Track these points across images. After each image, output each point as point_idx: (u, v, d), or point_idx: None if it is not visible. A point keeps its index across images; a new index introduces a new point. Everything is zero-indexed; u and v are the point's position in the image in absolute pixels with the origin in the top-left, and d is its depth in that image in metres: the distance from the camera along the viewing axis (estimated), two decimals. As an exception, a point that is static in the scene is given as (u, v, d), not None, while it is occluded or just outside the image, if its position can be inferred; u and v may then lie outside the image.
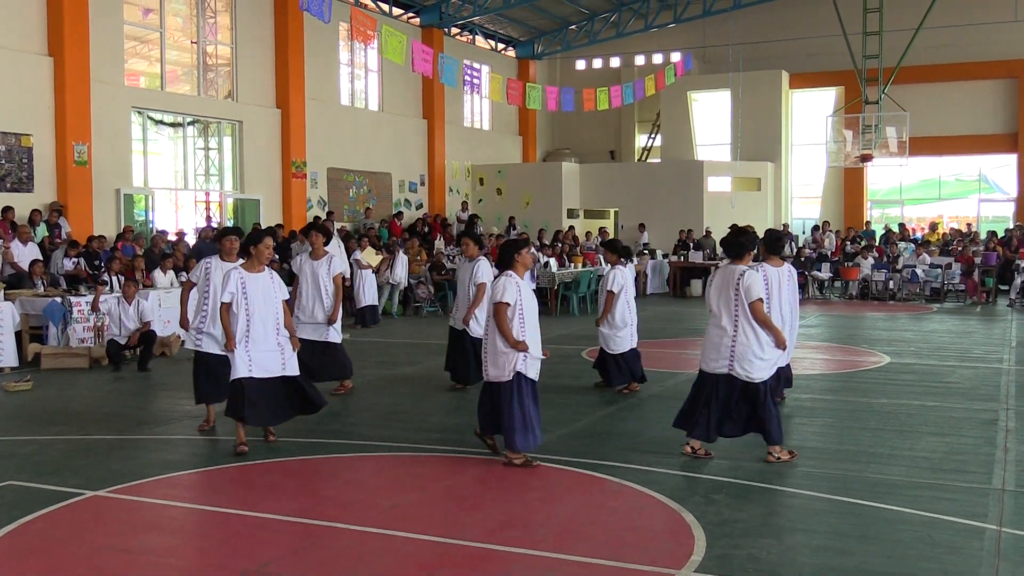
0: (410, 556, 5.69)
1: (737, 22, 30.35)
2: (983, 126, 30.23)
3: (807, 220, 31.80)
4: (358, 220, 25.14)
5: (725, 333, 7.60)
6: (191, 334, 9.10)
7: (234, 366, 8.10)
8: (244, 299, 8.08)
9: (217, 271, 8.86)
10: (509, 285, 7.61)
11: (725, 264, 7.83)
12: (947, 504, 6.62)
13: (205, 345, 9.02)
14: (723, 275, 7.71)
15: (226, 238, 9.18)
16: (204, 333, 9.00)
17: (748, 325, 7.52)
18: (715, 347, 7.69)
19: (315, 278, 10.45)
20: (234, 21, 22.22)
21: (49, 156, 17.86)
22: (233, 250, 8.96)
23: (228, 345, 8.09)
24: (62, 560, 5.65)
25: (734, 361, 7.58)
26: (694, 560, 5.52)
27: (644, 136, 35.54)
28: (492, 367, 7.68)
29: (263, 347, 8.15)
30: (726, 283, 7.64)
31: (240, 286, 8.09)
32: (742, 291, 7.50)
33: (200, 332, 9.01)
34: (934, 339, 15.98)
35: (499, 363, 7.62)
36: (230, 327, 8.07)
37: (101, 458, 8.11)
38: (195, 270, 9.15)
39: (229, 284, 8.10)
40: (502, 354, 7.59)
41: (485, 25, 31.46)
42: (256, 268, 8.23)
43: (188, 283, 9.40)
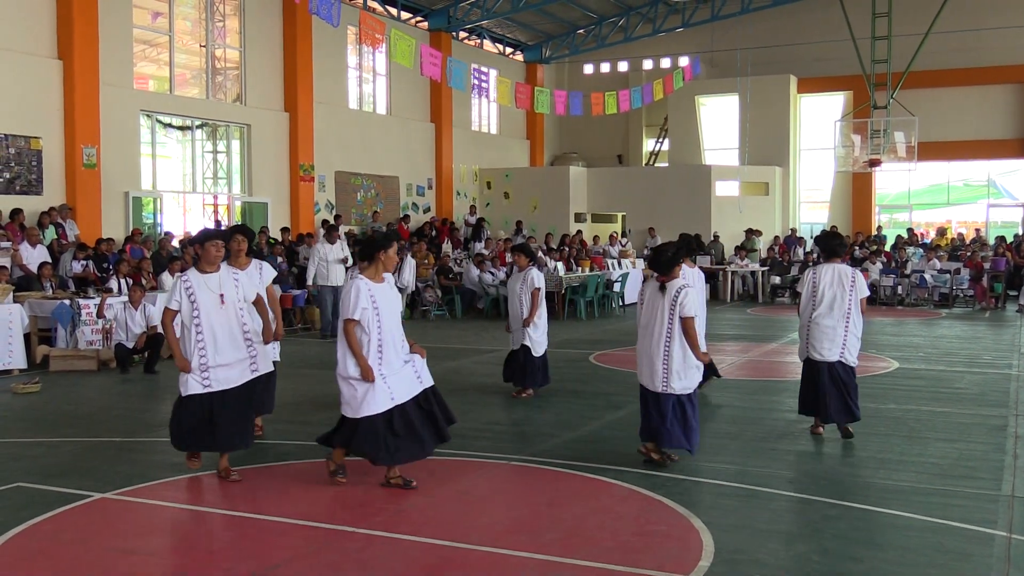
0: (417, 559, 5.68)
1: (745, 26, 30.32)
2: (992, 131, 30.15)
3: (815, 225, 31.74)
4: (366, 223, 25.15)
5: (840, 324, 8.69)
6: (193, 377, 7.15)
7: (371, 400, 6.88)
8: (376, 314, 6.89)
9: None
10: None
11: (830, 264, 8.87)
12: (956, 510, 6.59)
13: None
14: (835, 272, 8.78)
15: (233, 238, 8.21)
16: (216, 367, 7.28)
17: (858, 317, 8.74)
18: (830, 338, 8.70)
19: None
20: (243, 24, 22.27)
21: (58, 159, 17.91)
22: (241, 251, 8.26)
23: (368, 376, 6.82)
24: (70, 562, 5.66)
25: (845, 349, 8.71)
26: (702, 565, 5.51)
27: (652, 140, 35.52)
28: (678, 379, 7.56)
29: (396, 367, 6.98)
30: (840, 280, 8.74)
31: (370, 299, 6.89)
32: (857, 286, 8.73)
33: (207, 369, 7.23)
34: (943, 344, 15.93)
35: (689, 375, 7.60)
36: (362, 353, 6.86)
37: (109, 460, 8.12)
38: (172, 292, 7.23)
39: (360, 298, 6.84)
40: (692, 368, 7.61)
41: (493, 29, 31.48)
42: (378, 277, 7.03)
43: (170, 311, 7.19)
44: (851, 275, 8.87)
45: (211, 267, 7.22)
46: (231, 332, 7.23)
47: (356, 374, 6.86)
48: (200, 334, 7.13)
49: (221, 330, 7.18)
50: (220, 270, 7.29)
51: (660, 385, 7.56)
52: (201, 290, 7.15)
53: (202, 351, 7.13)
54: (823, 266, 8.94)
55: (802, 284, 9.08)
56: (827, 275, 8.82)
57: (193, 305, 7.11)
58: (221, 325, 7.18)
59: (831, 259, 9.00)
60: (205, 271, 7.22)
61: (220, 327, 7.18)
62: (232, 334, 7.23)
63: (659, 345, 7.54)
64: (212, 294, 7.16)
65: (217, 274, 7.26)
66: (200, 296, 7.12)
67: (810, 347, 8.84)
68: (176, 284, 7.22)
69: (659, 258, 7.70)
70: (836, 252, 9.05)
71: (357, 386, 6.87)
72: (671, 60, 31.13)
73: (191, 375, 7.12)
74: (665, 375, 7.53)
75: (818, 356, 8.77)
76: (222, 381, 7.19)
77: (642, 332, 7.74)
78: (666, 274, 7.63)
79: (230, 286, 7.31)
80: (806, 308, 8.87)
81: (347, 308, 6.86)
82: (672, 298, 7.49)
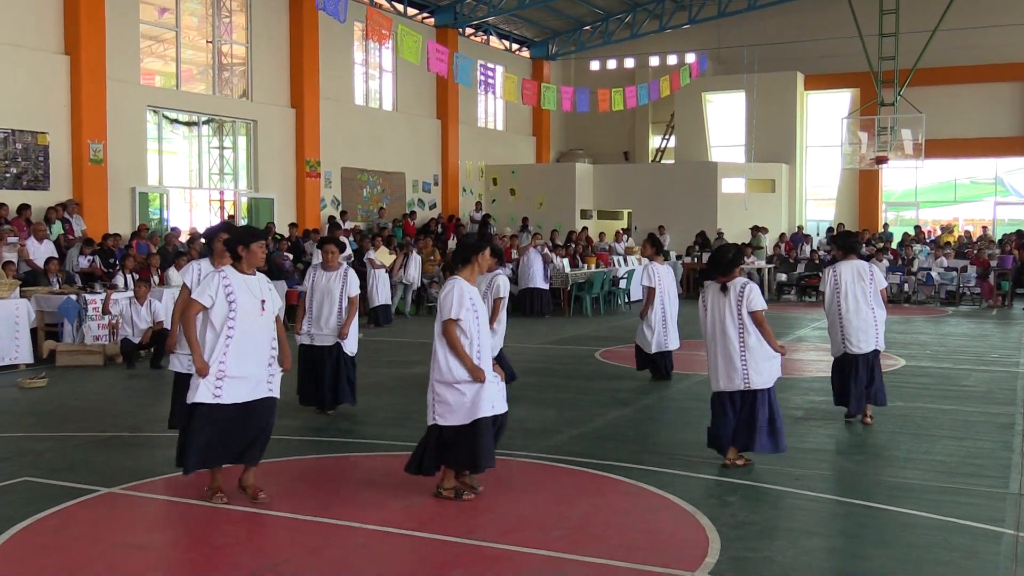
0: (423, 555, 5.68)
1: (752, 23, 30.26)
2: (999, 128, 30.06)
3: (821, 222, 31.69)
4: (372, 220, 25.17)
5: (869, 317, 9.19)
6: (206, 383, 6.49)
7: (482, 402, 6.61)
8: (476, 316, 6.71)
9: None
10: None
11: (848, 261, 9.31)
12: (964, 508, 6.57)
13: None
14: (854, 268, 9.24)
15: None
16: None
17: (881, 307, 9.32)
18: (864, 331, 9.17)
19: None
20: (249, 20, 22.27)
21: (65, 154, 17.93)
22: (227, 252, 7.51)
23: (479, 376, 6.57)
24: (76, 556, 5.67)
25: (878, 339, 9.29)
26: (708, 563, 5.50)
27: (658, 137, 35.48)
28: (757, 375, 7.60)
29: (491, 375, 6.75)
30: (860, 275, 9.22)
31: (470, 301, 6.71)
32: (876, 279, 9.27)
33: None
34: (950, 342, 15.90)
35: (765, 369, 7.63)
36: (467, 353, 6.60)
37: (115, 455, 8.14)
38: (205, 286, 6.54)
39: (463, 298, 6.61)
40: (767, 360, 7.65)
41: (499, 25, 31.46)
42: (472, 280, 6.86)
43: (197, 305, 6.51)
44: (869, 269, 9.37)
45: (250, 270, 6.62)
46: (261, 344, 6.61)
47: (464, 377, 6.56)
48: (230, 339, 6.46)
49: (253, 340, 6.54)
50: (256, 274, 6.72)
51: (741, 382, 7.61)
52: (242, 292, 6.50)
53: (223, 358, 6.46)
54: (841, 263, 9.37)
55: (824, 283, 9.49)
56: (847, 272, 9.27)
57: (231, 307, 6.45)
58: (255, 334, 6.54)
59: (848, 256, 9.42)
60: (244, 272, 6.59)
61: (253, 336, 6.53)
62: (261, 347, 6.62)
63: (735, 343, 7.59)
64: (254, 299, 6.53)
65: (256, 278, 6.66)
66: (241, 299, 6.47)
67: (846, 343, 9.28)
68: (212, 279, 6.48)
69: (721, 259, 7.77)
70: (854, 249, 9.53)
71: (466, 389, 6.57)
72: (678, 57, 31.06)
73: (204, 380, 6.45)
74: (745, 371, 7.58)
75: (856, 350, 9.23)
76: (232, 395, 6.52)
77: (711, 337, 7.75)
78: (727, 275, 7.70)
79: (270, 294, 6.73)
80: (832, 305, 9.31)
81: (449, 308, 6.55)
82: (737, 295, 7.58)
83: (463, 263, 6.85)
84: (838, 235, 10.05)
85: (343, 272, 9.68)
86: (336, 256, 9.75)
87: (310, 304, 9.72)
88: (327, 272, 9.69)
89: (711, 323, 7.72)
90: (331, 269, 9.69)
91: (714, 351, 7.72)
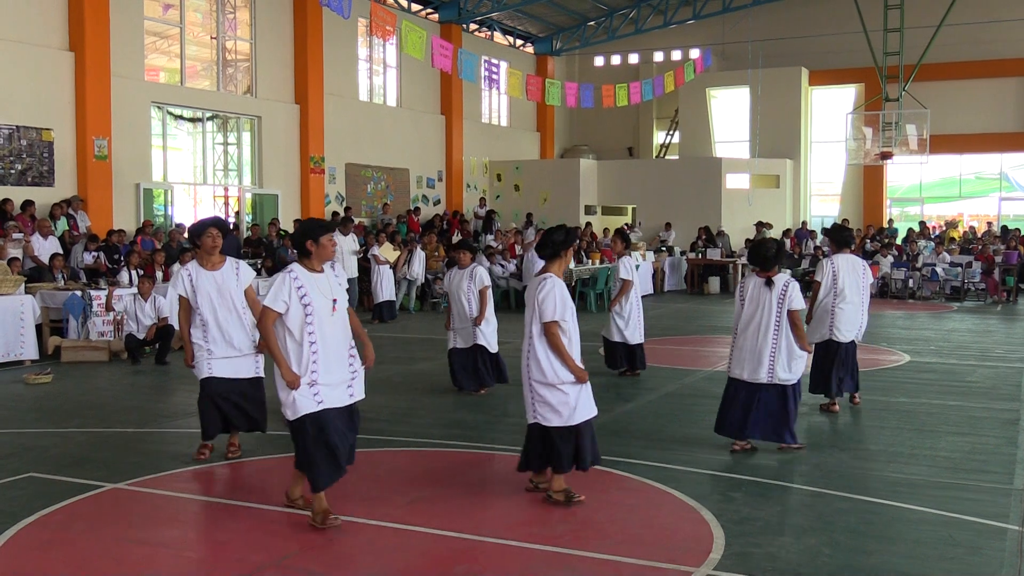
0: (429, 551, 5.69)
1: (756, 18, 30.21)
2: (1004, 124, 29.98)
3: (826, 218, 31.62)
4: (376, 216, 25.17)
5: (859, 308, 9.62)
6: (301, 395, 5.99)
7: (586, 402, 6.62)
8: (573, 315, 6.62)
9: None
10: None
11: (843, 254, 9.68)
12: (968, 504, 6.57)
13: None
14: (849, 261, 9.63)
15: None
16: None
17: (867, 303, 9.76)
18: (852, 321, 9.61)
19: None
20: (253, 16, 22.27)
21: (69, 150, 17.95)
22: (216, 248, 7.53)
23: (582, 377, 6.54)
24: (82, 552, 5.68)
25: (861, 329, 9.76)
26: (713, 558, 5.51)
27: (662, 133, 35.44)
28: (784, 371, 7.83)
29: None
30: (854, 268, 9.64)
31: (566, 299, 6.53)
32: (868, 275, 9.76)
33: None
34: (954, 338, 15.88)
35: (795, 368, 7.87)
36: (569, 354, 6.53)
37: (120, 451, 8.15)
38: (277, 291, 5.99)
39: (566, 298, 6.49)
40: (798, 358, 7.89)
41: (503, 21, 31.43)
42: (560, 275, 6.67)
43: (272, 313, 5.98)
44: (862, 264, 9.81)
45: (319, 266, 6.12)
46: (341, 346, 6.14)
47: (568, 378, 6.42)
48: (313, 344, 5.96)
49: (333, 342, 6.05)
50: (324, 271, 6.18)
51: (765, 376, 7.81)
52: (315, 293, 5.99)
53: (314, 367, 5.96)
54: (838, 256, 9.73)
55: (820, 273, 9.76)
56: (844, 264, 9.65)
57: (307, 309, 5.95)
58: (333, 337, 6.05)
59: (842, 249, 9.79)
60: (314, 270, 6.10)
61: (333, 338, 6.05)
62: (341, 349, 6.15)
63: (767, 337, 7.77)
64: (326, 300, 6.02)
65: (325, 275, 6.13)
66: (315, 300, 5.97)
67: (834, 330, 9.62)
68: (284, 282, 5.94)
69: (764, 254, 7.92)
70: (847, 242, 9.87)
71: (570, 390, 6.44)
72: (682, 52, 31.04)
73: (298, 392, 5.95)
74: (771, 366, 7.78)
75: (842, 338, 9.61)
76: (331, 400, 6.06)
77: (744, 327, 7.88)
78: (769, 270, 7.86)
79: (340, 290, 6.24)
80: (827, 295, 9.63)
81: (553, 309, 6.34)
82: (780, 292, 7.77)
83: (552, 258, 6.57)
84: (831, 229, 10.37)
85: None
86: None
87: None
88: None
89: (748, 315, 7.88)
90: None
91: (743, 341, 7.88)
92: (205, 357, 7.52)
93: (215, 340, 7.50)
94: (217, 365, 7.54)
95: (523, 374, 6.59)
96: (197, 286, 7.46)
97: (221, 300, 7.47)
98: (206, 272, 7.49)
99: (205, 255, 7.54)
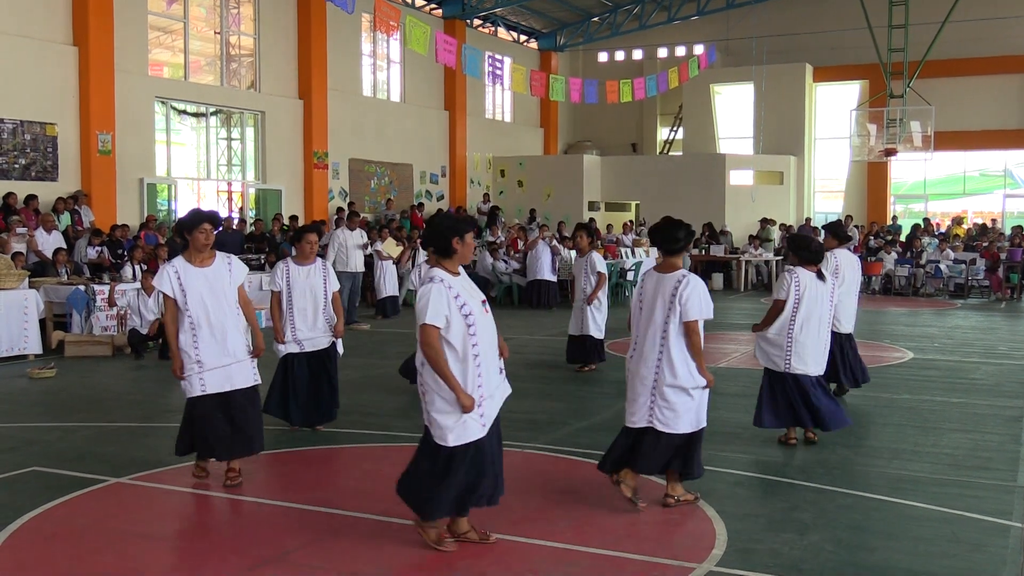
0: (431, 547, 5.69)
1: (761, 15, 30.17)
2: (1009, 121, 29.92)
3: (829, 214, 31.58)
4: (379, 211, 25.18)
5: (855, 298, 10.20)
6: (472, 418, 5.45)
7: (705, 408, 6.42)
8: None
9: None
10: None
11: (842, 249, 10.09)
12: (971, 501, 6.56)
13: None
14: (849, 257, 10.09)
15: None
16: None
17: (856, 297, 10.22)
18: (848, 315, 10.01)
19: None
20: (257, 11, 22.27)
21: (73, 145, 17.97)
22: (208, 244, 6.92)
23: (712, 381, 6.32)
24: (85, 545, 5.69)
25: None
26: (715, 554, 5.50)
27: (666, 129, 35.41)
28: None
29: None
30: (852, 264, 10.07)
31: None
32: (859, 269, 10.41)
33: None
34: (958, 335, 15.86)
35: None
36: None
37: (124, 445, 8.16)
38: (436, 304, 5.32)
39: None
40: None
41: (507, 16, 31.41)
42: None
43: (434, 329, 5.33)
44: (857, 260, 10.53)
45: (456, 267, 5.57)
46: (494, 350, 5.61)
47: (701, 382, 6.23)
48: (477, 357, 5.39)
49: (490, 351, 5.55)
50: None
51: (826, 366, 8.26)
52: (469, 298, 5.43)
53: (480, 382, 5.41)
54: (839, 251, 10.12)
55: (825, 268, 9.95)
56: (845, 258, 10.14)
57: (468, 319, 5.36)
58: (490, 344, 5.54)
59: (842, 244, 10.30)
60: (455, 273, 5.53)
61: (489, 347, 5.54)
62: (494, 354, 5.62)
63: (828, 328, 8.19)
64: (477, 303, 5.49)
65: (463, 275, 5.62)
66: (473, 307, 5.41)
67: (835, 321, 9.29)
68: (439, 293, 5.28)
69: (810, 247, 8.11)
70: (847, 238, 10.58)
71: (697, 396, 6.25)
72: (686, 48, 31.00)
73: (471, 415, 5.37)
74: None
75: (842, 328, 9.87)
76: (490, 414, 5.53)
77: (806, 320, 7.96)
78: (818, 263, 8.12)
79: (476, 288, 5.71)
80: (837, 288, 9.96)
81: (702, 305, 6.09)
82: (831, 283, 8.20)
83: (673, 254, 6.34)
84: (834, 224, 10.88)
85: (321, 266, 8.62)
86: (316, 248, 8.70)
87: (291, 306, 8.46)
88: (303, 267, 8.53)
89: (807, 308, 7.94)
90: (307, 264, 8.55)
91: (804, 338, 7.94)
92: (196, 371, 6.69)
93: (207, 346, 6.68)
94: (210, 379, 6.72)
95: (638, 374, 6.28)
96: (186, 285, 6.69)
97: (214, 300, 6.74)
98: (195, 269, 6.76)
99: (195, 251, 6.83)
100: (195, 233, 6.79)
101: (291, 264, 8.55)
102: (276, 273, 8.57)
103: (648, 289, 6.32)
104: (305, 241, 8.56)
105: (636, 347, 6.36)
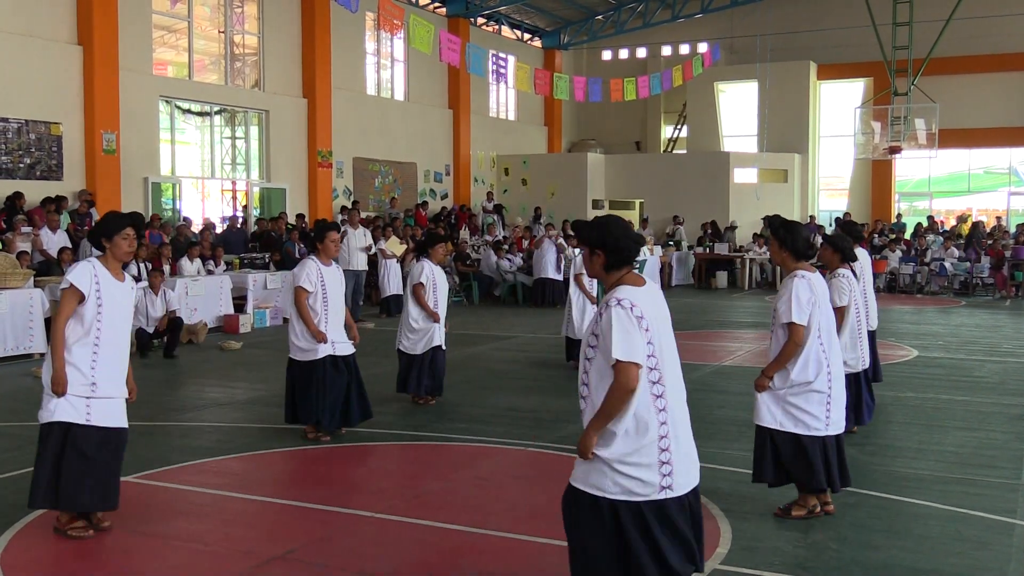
0: (434, 544, 5.70)
1: (765, 12, 30.13)
2: (1013, 118, 29.85)
3: (834, 212, 31.53)
4: (383, 210, 25.19)
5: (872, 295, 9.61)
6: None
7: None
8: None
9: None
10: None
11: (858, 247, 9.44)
12: (975, 499, 6.56)
13: None
14: (863, 254, 9.31)
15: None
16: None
17: None
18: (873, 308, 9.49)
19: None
20: (261, 10, 22.28)
21: (78, 144, 17.99)
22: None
23: None
24: (91, 544, 5.71)
25: None
26: (720, 552, 5.51)
27: (670, 127, 35.39)
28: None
29: None
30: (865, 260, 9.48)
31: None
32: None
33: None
34: (962, 333, 15.84)
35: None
36: None
37: (129, 444, 8.12)
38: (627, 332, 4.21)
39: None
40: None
41: (511, 15, 31.40)
42: None
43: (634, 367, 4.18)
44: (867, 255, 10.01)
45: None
46: None
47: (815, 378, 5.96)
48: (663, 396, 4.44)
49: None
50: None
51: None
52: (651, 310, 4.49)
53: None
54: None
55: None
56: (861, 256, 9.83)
57: (650, 342, 4.34)
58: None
59: (857, 243, 9.78)
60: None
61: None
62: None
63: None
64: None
65: None
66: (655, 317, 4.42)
67: None
68: (628, 319, 4.20)
69: (843, 245, 7.98)
70: (860, 236, 10.61)
71: (826, 390, 6.00)
72: (690, 46, 30.96)
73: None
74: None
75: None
76: None
77: (857, 319, 8.05)
78: (853, 260, 8.12)
79: None
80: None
81: (802, 305, 5.84)
82: (862, 281, 8.30)
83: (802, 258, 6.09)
84: (847, 223, 10.69)
85: (337, 266, 8.41)
86: (339, 247, 8.51)
87: (325, 307, 8.10)
88: (328, 267, 8.22)
89: (857, 307, 8.04)
90: (330, 263, 8.29)
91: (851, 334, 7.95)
92: (85, 393, 5.72)
93: (106, 371, 5.77)
94: (97, 408, 5.78)
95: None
96: (104, 296, 5.68)
97: (124, 323, 5.87)
98: (115, 281, 5.77)
99: (114, 261, 5.81)
100: (116, 239, 5.76)
101: (319, 263, 8.18)
102: (308, 272, 8.07)
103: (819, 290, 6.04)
104: (329, 239, 8.21)
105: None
